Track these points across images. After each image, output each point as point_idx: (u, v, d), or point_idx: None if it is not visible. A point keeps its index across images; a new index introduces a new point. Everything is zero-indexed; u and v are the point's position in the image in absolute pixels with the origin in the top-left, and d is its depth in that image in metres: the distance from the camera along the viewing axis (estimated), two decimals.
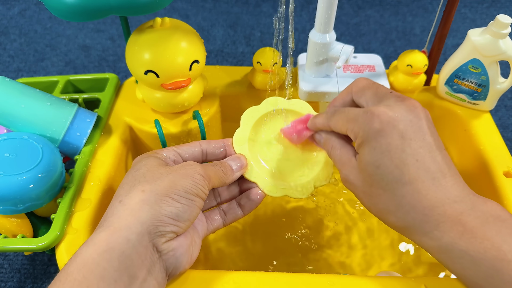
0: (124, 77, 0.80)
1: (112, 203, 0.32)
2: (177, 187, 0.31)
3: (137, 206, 0.30)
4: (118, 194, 0.32)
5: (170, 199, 0.31)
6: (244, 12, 0.99)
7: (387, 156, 0.29)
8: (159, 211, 0.30)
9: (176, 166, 0.33)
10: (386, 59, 0.84)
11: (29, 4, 1.00)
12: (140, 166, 0.33)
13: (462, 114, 0.53)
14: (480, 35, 0.48)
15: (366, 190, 0.32)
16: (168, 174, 0.32)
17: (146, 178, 0.32)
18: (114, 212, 0.30)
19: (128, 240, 0.28)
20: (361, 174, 0.31)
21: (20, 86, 0.45)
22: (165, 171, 0.32)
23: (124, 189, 0.32)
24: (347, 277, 0.36)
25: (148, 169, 0.33)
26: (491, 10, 0.99)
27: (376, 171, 0.30)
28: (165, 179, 0.32)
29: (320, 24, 0.47)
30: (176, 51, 0.44)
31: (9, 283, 0.51)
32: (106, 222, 0.30)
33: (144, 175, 0.32)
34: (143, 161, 0.34)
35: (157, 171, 0.32)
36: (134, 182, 0.32)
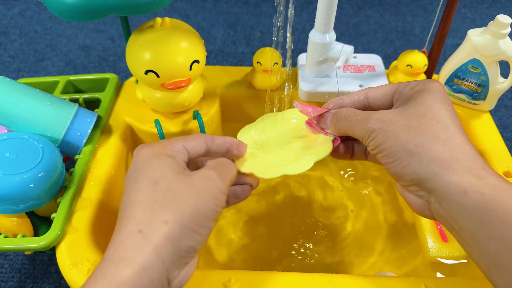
0: (124, 77, 0.80)
1: (128, 228, 0.28)
2: (199, 216, 0.29)
3: (160, 241, 0.28)
4: (135, 217, 0.29)
5: (192, 232, 0.29)
6: (244, 12, 0.99)
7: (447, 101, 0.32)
8: (180, 247, 0.29)
9: (195, 180, 0.31)
10: (386, 59, 0.84)
11: (29, 4, 1.00)
12: (157, 179, 0.30)
13: (462, 114, 0.53)
14: (480, 35, 0.48)
15: (411, 123, 0.31)
16: (190, 196, 0.29)
17: (168, 201, 0.29)
18: (134, 244, 0.28)
19: (151, 281, 0.27)
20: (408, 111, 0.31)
21: (20, 86, 0.45)
22: (186, 191, 0.30)
23: (144, 212, 0.29)
24: (347, 276, 0.36)
25: (168, 185, 0.30)
26: (491, 10, 0.99)
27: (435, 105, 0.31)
28: (188, 205, 0.29)
29: (320, 24, 0.47)
30: (176, 51, 0.44)
31: (9, 283, 0.51)
32: (125, 254, 0.28)
33: (164, 195, 0.29)
34: (157, 168, 0.30)
35: (177, 191, 0.30)
36: (155, 206, 0.29)
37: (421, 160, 0.30)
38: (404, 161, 0.30)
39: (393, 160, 0.31)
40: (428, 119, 0.30)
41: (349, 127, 0.34)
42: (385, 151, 0.31)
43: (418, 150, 0.30)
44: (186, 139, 0.34)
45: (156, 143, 0.33)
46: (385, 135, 0.31)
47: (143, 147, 0.32)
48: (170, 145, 0.33)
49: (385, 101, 0.35)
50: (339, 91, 0.51)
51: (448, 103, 0.32)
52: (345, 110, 0.35)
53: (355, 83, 0.51)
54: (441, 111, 0.31)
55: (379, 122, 0.31)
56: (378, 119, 0.32)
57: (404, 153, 0.30)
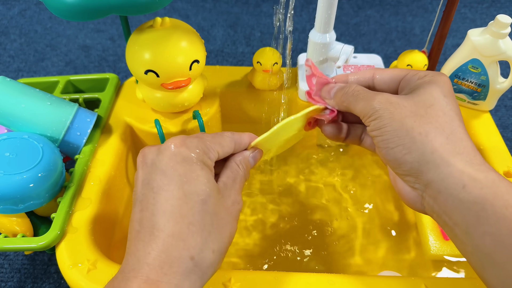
0: (124, 77, 0.80)
1: (178, 251, 0.26)
2: (230, 241, 0.29)
3: (206, 270, 0.27)
4: (186, 242, 0.26)
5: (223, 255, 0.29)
6: (244, 12, 0.99)
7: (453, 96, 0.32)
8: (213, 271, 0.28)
9: (229, 205, 0.29)
10: (386, 59, 0.84)
11: (29, 4, 1.00)
12: (206, 198, 0.27)
13: (462, 114, 0.53)
14: (480, 35, 0.48)
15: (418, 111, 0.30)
16: (228, 223, 0.29)
17: (214, 228, 0.27)
18: (185, 272, 0.26)
19: None
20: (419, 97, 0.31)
21: (21, 86, 0.45)
22: (226, 215, 0.29)
23: (195, 239, 0.26)
24: (347, 276, 0.36)
25: (214, 208, 0.28)
26: (491, 10, 0.99)
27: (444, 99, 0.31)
28: (227, 232, 0.28)
29: (320, 24, 0.47)
30: (176, 50, 0.44)
31: (9, 283, 0.51)
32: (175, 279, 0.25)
33: (212, 220, 0.27)
34: (204, 183, 0.28)
35: (220, 216, 0.28)
36: (204, 232, 0.27)
37: (424, 149, 0.29)
38: (406, 148, 0.29)
39: (395, 146, 0.30)
40: (435, 109, 0.30)
41: (354, 102, 0.32)
42: (387, 135, 0.30)
43: (422, 138, 0.29)
44: (221, 143, 0.31)
45: (194, 140, 0.29)
46: (391, 117, 0.30)
47: (178, 141, 0.28)
48: (209, 151, 0.29)
49: (391, 85, 0.34)
50: None
51: (454, 98, 0.32)
52: (354, 85, 0.34)
53: None
54: (448, 105, 0.31)
55: (386, 103, 0.30)
56: (385, 99, 0.30)
57: (408, 140, 0.29)
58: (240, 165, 0.32)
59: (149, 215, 0.26)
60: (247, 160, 0.33)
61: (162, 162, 0.28)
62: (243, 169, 0.32)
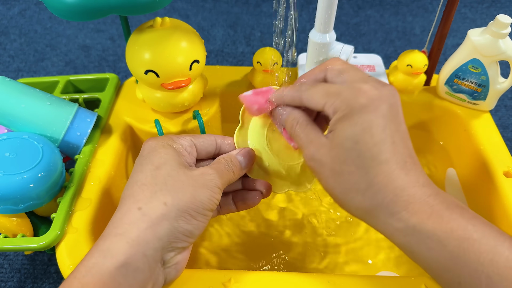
0: (124, 77, 0.80)
1: (127, 205, 0.30)
2: (197, 203, 0.31)
3: (157, 220, 0.29)
4: (135, 196, 0.30)
5: (189, 216, 0.30)
6: (244, 12, 0.99)
7: (369, 132, 0.29)
8: (176, 228, 0.30)
9: (196, 174, 0.32)
10: (386, 59, 0.84)
11: (29, 4, 1.00)
12: (160, 164, 0.32)
13: (462, 114, 0.53)
14: (480, 35, 0.48)
15: (335, 168, 0.30)
16: (188, 185, 0.31)
17: (168, 186, 0.31)
18: (132, 220, 0.29)
19: (145, 256, 0.29)
20: (334, 150, 0.30)
21: (20, 86, 0.45)
22: (186, 179, 0.31)
23: (144, 193, 0.30)
24: (347, 276, 0.36)
25: (169, 172, 0.31)
26: (491, 10, 0.99)
27: (354, 146, 0.29)
28: (187, 192, 0.31)
29: (320, 24, 0.47)
30: (176, 50, 0.44)
31: (9, 283, 0.51)
32: (122, 229, 0.29)
33: (165, 180, 0.31)
34: (162, 155, 0.32)
35: (178, 178, 0.31)
36: (155, 188, 0.30)
37: (349, 209, 0.32)
38: (338, 203, 0.32)
39: (332, 196, 0.32)
40: (351, 159, 0.29)
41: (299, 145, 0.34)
42: (323, 186, 0.32)
43: (343, 201, 0.31)
44: (196, 135, 0.36)
45: (165, 136, 0.35)
46: (318, 175, 0.32)
47: (152, 138, 0.34)
48: (178, 138, 0.34)
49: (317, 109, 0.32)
50: None
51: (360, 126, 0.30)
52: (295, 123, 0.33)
53: None
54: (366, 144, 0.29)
55: (312, 161, 0.32)
56: (311, 157, 0.32)
57: (336, 199, 0.32)
58: (223, 159, 0.35)
59: (123, 191, 0.32)
60: (232, 155, 0.36)
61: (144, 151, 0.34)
62: (224, 160, 0.35)
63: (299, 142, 0.33)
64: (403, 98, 0.55)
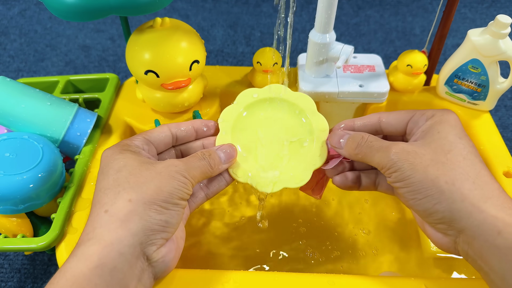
0: (124, 77, 0.80)
1: (95, 211, 0.30)
2: (163, 194, 0.31)
3: (126, 218, 0.29)
4: (101, 201, 0.30)
5: (158, 207, 0.30)
6: (244, 12, 0.99)
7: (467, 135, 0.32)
8: (149, 220, 0.30)
9: (159, 167, 0.32)
10: (386, 59, 0.84)
11: (29, 4, 1.00)
12: (121, 167, 0.32)
13: (462, 114, 0.53)
14: (480, 35, 0.48)
15: (439, 158, 0.29)
16: (152, 179, 0.31)
17: (130, 184, 0.31)
18: (101, 224, 0.29)
19: (121, 254, 0.28)
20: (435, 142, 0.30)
21: (20, 86, 0.45)
22: (149, 174, 0.31)
23: (108, 196, 0.30)
24: (347, 276, 0.36)
25: (130, 171, 0.31)
26: (491, 10, 0.99)
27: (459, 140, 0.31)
28: (151, 185, 0.31)
29: (320, 24, 0.47)
30: (176, 51, 0.44)
31: (9, 283, 0.51)
32: (94, 233, 0.29)
33: (127, 179, 0.31)
34: (121, 159, 0.32)
35: (140, 174, 0.31)
36: (118, 188, 0.31)
37: (454, 198, 0.28)
38: (435, 199, 0.29)
39: (423, 197, 0.29)
40: (454, 155, 0.29)
41: (369, 154, 0.32)
42: (412, 186, 0.29)
43: (449, 187, 0.28)
44: (148, 131, 0.36)
45: (118, 143, 0.35)
46: (412, 168, 0.29)
47: (107, 149, 0.34)
48: (131, 141, 0.35)
49: (398, 127, 0.34)
50: (339, 91, 0.51)
51: (468, 138, 0.31)
52: (365, 136, 0.33)
53: (355, 83, 0.51)
54: (465, 147, 0.30)
55: (403, 153, 0.30)
56: (402, 149, 0.30)
57: (435, 190, 0.29)
58: (201, 153, 0.35)
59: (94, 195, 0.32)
60: (212, 150, 0.36)
61: (102, 160, 0.34)
62: (201, 154, 0.35)
63: (375, 146, 0.32)
64: (403, 98, 0.55)
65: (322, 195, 0.40)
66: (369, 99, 0.52)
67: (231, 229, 0.52)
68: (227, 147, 0.37)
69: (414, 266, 0.49)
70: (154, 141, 0.36)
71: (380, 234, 0.52)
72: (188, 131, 0.38)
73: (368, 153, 0.32)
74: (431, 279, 0.35)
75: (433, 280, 0.35)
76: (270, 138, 0.39)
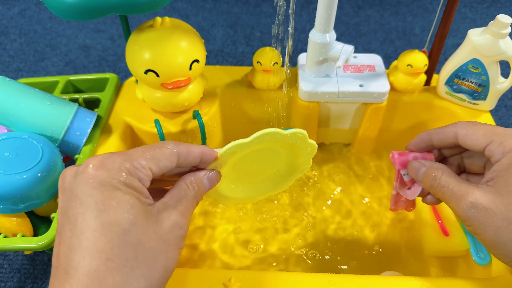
0: (124, 77, 0.80)
1: None
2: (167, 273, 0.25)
3: None
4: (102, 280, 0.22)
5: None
6: (244, 12, 0.99)
7: None
8: None
9: (165, 229, 0.25)
10: (386, 59, 0.84)
11: (29, 4, 1.00)
12: (129, 225, 0.23)
13: (462, 114, 0.53)
14: (480, 35, 0.48)
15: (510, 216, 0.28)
16: (161, 253, 0.24)
17: (139, 262, 0.23)
18: None
19: None
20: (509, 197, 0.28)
21: (20, 85, 0.45)
22: (157, 243, 0.24)
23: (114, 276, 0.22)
24: (347, 276, 0.36)
25: (139, 237, 0.23)
26: (491, 10, 0.99)
27: None
28: (159, 265, 0.24)
29: (320, 24, 0.47)
30: (176, 50, 0.44)
31: (9, 283, 0.50)
32: None
33: (136, 252, 0.23)
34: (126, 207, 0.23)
35: (149, 245, 0.24)
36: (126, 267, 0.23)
37: None
38: (508, 257, 0.29)
39: (497, 252, 0.29)
40: None
41: (443, 198, 0.32)
42: (485, 242, 0.29)
43: None
44: (155, 157, 0.26)
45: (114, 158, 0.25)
46: (483, 228, 0.29)
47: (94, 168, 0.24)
48: (135, 169, 0.25)
49: (476, 149, 0.32)
50: (339, 91, 0.51)
51: None
52: (440, 173, 0.32)
53: (355, 83, 0.51)
54: None
55: (474, 209, 0.29)
56: (472, 205, 0.29)
57: (508, 251, 0.28)
58: (191, 185, 0.28)
59: (65, 250, 0.23)
60: (200, 180, 0.29)
61: (78, 188, 0.23)
62: (193, 190, 0.28)
63: (446, 193, 0.31)
64: (403, 98, 0.55)
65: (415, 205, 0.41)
66: (369, 99, 0.51)
67: (232, 230, 0.52)
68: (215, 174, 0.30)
69: (414, 266, 0.49)
70: (157, 172, 0.26)
71: (380, 234, 0.52)
72: (194, 162, 0.29)
73: (440, 197, 0.32)
74: (431, 279, 0.35)
75: (433, 280, 0.35)
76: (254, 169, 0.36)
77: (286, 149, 0.34)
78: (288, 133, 0.31)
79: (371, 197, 0.55)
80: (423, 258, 0.49)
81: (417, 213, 0.50)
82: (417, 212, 0.50)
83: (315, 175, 0.58)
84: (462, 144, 0.33)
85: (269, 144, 0.32)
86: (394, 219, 0.53)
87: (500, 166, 0.29)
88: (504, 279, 0.35)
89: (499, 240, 0.28)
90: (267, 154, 0.34)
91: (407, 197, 0.38)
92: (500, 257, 0.30)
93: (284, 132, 0.30)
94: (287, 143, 0.32)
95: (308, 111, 0.53)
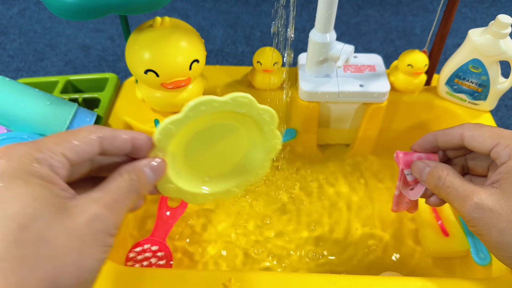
0: (124, 77, 0.80)
1: None
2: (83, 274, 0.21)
3: None
4: None
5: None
6: (244, 12, 0.99)
7: None
8: None
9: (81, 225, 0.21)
10: (386, 59, 0.84)
11: (29, 4, 1.00)
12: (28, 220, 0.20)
13: (462, 114, 0.53)
14: (480, 35, 0.48)
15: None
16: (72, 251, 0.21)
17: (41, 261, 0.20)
18: None
19: None
20: None
21: (20, 85, 0.45)
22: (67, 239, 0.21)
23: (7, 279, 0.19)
24: (347, 276, 0.36)
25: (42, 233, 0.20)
26: (491, 10, 0.99)
27: None
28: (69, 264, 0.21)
29: (320, 24, 0.47)
30: (176, 50, 0.43)
31: None
32: None
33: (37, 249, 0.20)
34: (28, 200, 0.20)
35: (55, 242, 0.21)
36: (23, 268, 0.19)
37: None
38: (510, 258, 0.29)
39: (500, 254, 0.29)
40: None
41: (446, 199, 0.32)
42: (489, 243, 0.29)
43: None
44: (70, 141, 0.23)
45: (19, 147, 0.22)
46: (487, 229, 0.29)
47: None
48: (45, 154, 0.22)
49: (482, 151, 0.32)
50: (339, 91, 0.50)
51: None
52: (445, 173, 0.32)
53: (355, 83, 0.51)
54: None
55: (479, 210, 0.29)
56: (477, 206, 0.29)
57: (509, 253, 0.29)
58: (126, 175, 0.25)
59: None
60: (139, 169, 0.25)
61: None
62: (129, 180, 0.25)
63: (451, 193, 0.31)
64: (403, 98, 0.55)
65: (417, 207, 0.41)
66: (369, 99, 0.51)
67: (232, 230, 0.52)
68: (159, 162, 0.27)
69: (414, 266, 0.49)
70: (75, 159, 0.23)
71: (380, 234, 0.51)
72: (123, 148, 0.26)
73: (445, 197, 0.32)
74: (431, 279, 0.35)
75: (433, 280, 0.35)
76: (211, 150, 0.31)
77: (242, 124, 0.30)
78: (227, 98, 0.27)
79: (371, 197, 0.55)
80: (423, 258, 0.49)
81: (417, 214, 0.50)
82: (417, 213, 0.50)
83: (315, 175, 0.58)
84: (468, 145, 0.33)
85: (215, 118, 0.28)
86: (395, 219, 0.53)
87: (506, 168, 0.29)
88: (504, 280, 0.35)
89: (503, 242, 0.28)
90: (223, 133, 0.30)
91: (410, 197, 0.38)
92: (503, 258, 0.30)
93: (222, 98, 0.27)
94: (237, 114, 0.28)
95: (308, 111, 0.53)
